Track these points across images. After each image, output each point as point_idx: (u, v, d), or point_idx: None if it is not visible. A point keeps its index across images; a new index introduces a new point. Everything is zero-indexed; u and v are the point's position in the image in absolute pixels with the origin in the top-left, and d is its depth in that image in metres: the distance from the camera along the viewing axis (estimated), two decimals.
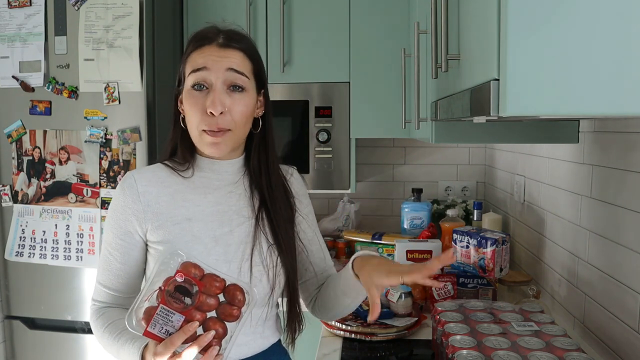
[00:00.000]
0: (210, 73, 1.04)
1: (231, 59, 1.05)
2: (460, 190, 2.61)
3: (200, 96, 1.04)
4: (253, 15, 2.18)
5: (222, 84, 1.04)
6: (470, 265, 1.75)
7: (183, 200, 1.09)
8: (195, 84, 1.05)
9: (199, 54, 1.06)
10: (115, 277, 1.09)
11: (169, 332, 0.90)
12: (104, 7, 1.91)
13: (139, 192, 1.07)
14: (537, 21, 0.59)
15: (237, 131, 1.07)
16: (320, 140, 2.18)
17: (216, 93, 1.03)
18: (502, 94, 0.61)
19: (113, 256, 1.09)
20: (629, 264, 1.24)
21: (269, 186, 1.13)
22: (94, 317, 1.09)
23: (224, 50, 1.05)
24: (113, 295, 1.10)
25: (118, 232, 1.08)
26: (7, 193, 2.03)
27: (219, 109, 1.02)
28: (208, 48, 1.05)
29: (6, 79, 2.01)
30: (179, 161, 1.13)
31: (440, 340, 1.27)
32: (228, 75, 1.04)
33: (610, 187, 1.33)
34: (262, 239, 1.10)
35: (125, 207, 1.07)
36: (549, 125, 1.45)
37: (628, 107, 0.60)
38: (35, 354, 2.07)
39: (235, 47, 1.06)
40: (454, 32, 0.92)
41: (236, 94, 1.05)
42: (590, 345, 1.42)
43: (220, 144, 1.05)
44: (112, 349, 1.04)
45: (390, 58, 2.13)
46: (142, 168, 1.14)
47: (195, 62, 1.05)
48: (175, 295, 0.90)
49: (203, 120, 1.04)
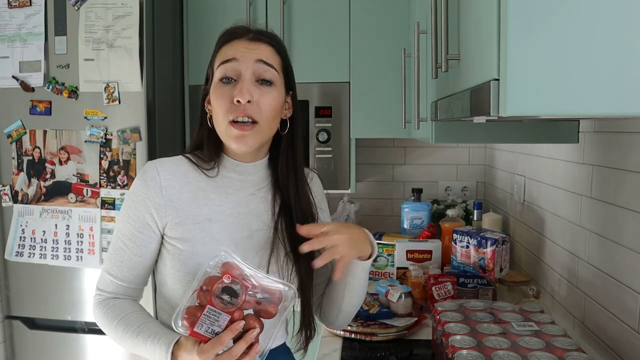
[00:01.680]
0: (240, 64, 1.03)
1: (261, 50, 1.05)
2: (460, 190, 2.61)
3: (228, 88, 1.04)
4: (253, 15, 2.18)
5: (252, 75, 1.04)
6: (470, 265, 1.75)
7: (205, 199, 1.07)
8: (224, 77, 1.04)
9: (228, 46, 1.06)
10: (128, 268, 1.06)
11: (215, 331, 0.91)
12: (104, 7, 1.91)
13: (161, 185, 1.05)
14: (537, 21, 0.59)
15: (264, 125, 1.05)
16: (320, 140, 2.18)
17: (245, 83, 1.03)
18: (502, 94, 0.61)
19: (128, 247, 1.06)
20: (628, 264, 1.24)
21: (295, 192, 1.12)
22: (101, 307, 1.06)
23: (254, 43, 1.06)
24: (122, 286, 1.07)
25: (136, 224, 1.05)
26: (7, 193, 2.03)
27: (246, 97, 1.01)
28: (238, 42, 1.06)
29: (6, 79, 2.01)
30: (203, 158, 1.11)
31: (440, 340, 1.27)
32: (257, 67, 1.04)
33: (610, 187, 1.33)
34: (279, 246, 1.09)
35: (146, 199, 1.05)
36: (549, 125, 1.45)
37: (628, 107, 0.60)
38: (35, 354, 2.07)
39: (265, 41, 1.07)
40: (454, 32, 0.92)
41: (265, 87, 1.05)
42: (590, 345, 1.43)
43: (246, 137, 1.03)
44: (128, 343, 1.02)
45: (390, 58, 2.13)
46: (164, 159, 1.10)
47: (225, 54, 1.05)
48: (221, 296, 0.91)
49: (230, 109, 1.02)
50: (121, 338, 1.04)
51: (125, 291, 1.08)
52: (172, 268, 1.06)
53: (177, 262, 1.05)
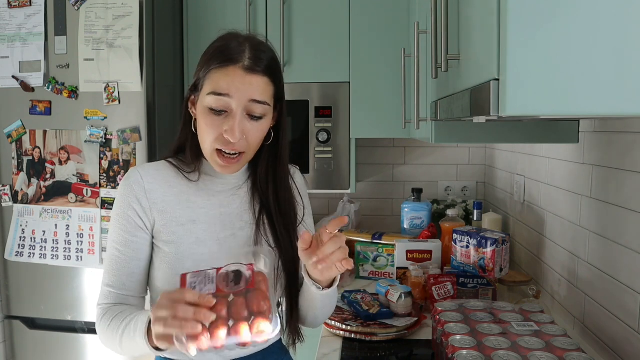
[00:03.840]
0: (233, 100, 1.01)
1: (254, 87, 1.02)
2: (460, 190, 2.61)
3: (218, 119, 1.03)
4: (253, 15, 2.18)
5: (243, 111, 1.03)
6: (470, 265, 1.75)
7: (188, 202, 1.09)
8: (215, 109, 1.03)
9: (222, 75, 1.02)
10: (126, 275, 1.06)
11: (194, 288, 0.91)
12: (104, 7, 1.91)
13: (145, 189, 1.07)
14: (537, 21, 0.59)
15: (250, 153, 1.08)
16: (320, 140, 2.18)
17: (236, 121, 1.02)
18: (502, 94, 0.61)
19: (123, 254, 1.06)
20: (628, 264, 1.24)
21: (275, 194, 1.13)
22: (99, 319, 1.06)
23: (249, 76, 1.02)
24: (122, 295, 1.07)
25: (127, 229, 1.06)
26: (7, 193, 2.03)
27: (237, 137, 1.02)
28: (233, 70, 1.01)
29: (6, 79, 2.01)
30: (184, 161, 1.12)
31: (440, 340, 1.27)
32: (249, 106, 1.03)
33: (610, 187, 1.33)
34: (263, 243, 1.11)
35: (132, 203, 1.06)
36: (549, 125, 1.45)
37: (628, 107, 0.60)
38: (35, 354, 2.07)
39: (260, 72, 1.03)
40: (454, 32, 0.92)
41: (255, 122, 1.05)
42: (590, 345, 1.43)
43: (231, 167, 1.06)
44: (116, 337, 1.00)
45: (390, 58, 2.13)
46: (145, 165, 1.13)
47: (218, 86, 1.01)
48: (228, 275, 0.92)
49: (218, 139, 1.03)
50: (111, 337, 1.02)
51: (126, 300, 1.08)
52: (160, 271, 1.07)
53: (164, 264, 1.06)
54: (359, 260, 2.14)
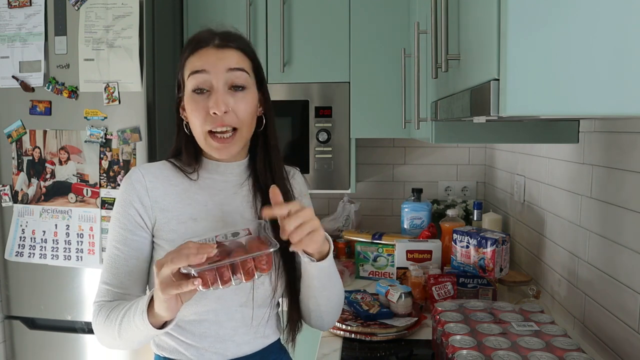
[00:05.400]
0: (211, 76, 1.04)
1: (229, 58, 1.06)
2: (460, 190, 2.61)
3: (202, 99, 1.05)
4: (253, 15, 2.18)
5: (224, 85, 1.05)
6: (470, 265, 1.75)
7: (189, 199, 1.09)
8: (197, 88, 1.05)
9: (196, 57, 1.06)
10: (125, 274, 1.05)
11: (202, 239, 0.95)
12: (104, 7, 1.91)
13: (147, 187, 1.07)
14: (537, 21, 0.59)
15: (244, 130, 1.08)
16: (320, 140, 2.18)
17: (219, 94, 1.04)
18: (502, 94, 0.61)
19: (122, 252, 1.06)
20: (628, 264, 1.24)
21: None
22: (95, 315, 1.05)
23: (222, 51, 1.06)
24: (119, 294, 1.06)
25: (127, 226, 1.06)
26: (7, 193, 2.03)
27: (222, 109, 1.03)
28: (205, 50, 1.06)
29: (6, 79, 2.01)
30: (185, 161, 1.13)
31: (440, 340, 1.27)
32: (229, 76, 1.05)
33: (610, 187, 1.33)
34: None
35: (134, 201, 1.06)
36: (549, 125, 1.45)
37: (628, 107, 0.60)
38: (35, 354, 2.07)
39: (232, 47, 1.07)
40: (454, 32, 0.92)
41: (238, 93, 1.06)
42: (590, 345, 1.43)
43: (228, 147, 1.06)
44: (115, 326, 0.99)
45: (390, 58, 2.13)
46: (147, 164, 1.13)
47: (194, 65, 1.05)
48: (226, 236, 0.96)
49: (207, 120, 1.04)
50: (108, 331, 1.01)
51: (123, 298, 1.06)
52: None
53: None
54: (359, 260, 2.14)
